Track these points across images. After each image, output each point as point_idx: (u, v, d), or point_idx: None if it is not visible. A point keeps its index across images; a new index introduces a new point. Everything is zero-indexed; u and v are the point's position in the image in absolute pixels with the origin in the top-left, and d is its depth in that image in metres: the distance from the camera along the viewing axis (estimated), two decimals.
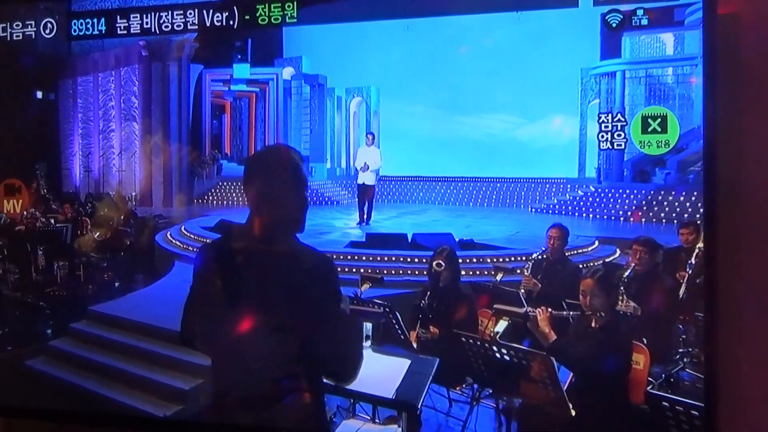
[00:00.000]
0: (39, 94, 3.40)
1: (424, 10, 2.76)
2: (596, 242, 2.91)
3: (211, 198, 3.17)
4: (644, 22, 2.48)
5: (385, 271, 2.80)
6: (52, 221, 3.28)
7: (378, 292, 2.84)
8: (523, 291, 2.55)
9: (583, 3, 2.50)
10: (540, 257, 2.46)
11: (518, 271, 2.59)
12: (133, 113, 3.17)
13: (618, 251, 2.76)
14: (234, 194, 3.18)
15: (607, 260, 2.80)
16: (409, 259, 2.80)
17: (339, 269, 2.50)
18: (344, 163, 3.08)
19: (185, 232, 3.21)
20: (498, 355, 2.14)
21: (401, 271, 2.78)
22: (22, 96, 3.47)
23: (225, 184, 3.13)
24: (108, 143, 3.23)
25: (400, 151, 2.94)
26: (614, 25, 2.52)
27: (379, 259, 2.86)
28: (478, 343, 2.19)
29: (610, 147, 2.50)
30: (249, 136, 3.23)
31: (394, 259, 2.84)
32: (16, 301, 3.28)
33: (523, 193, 2.87)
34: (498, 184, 2.88)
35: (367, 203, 2.99)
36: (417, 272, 2.73)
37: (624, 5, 2.46)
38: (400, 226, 2.94)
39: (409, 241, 2.84)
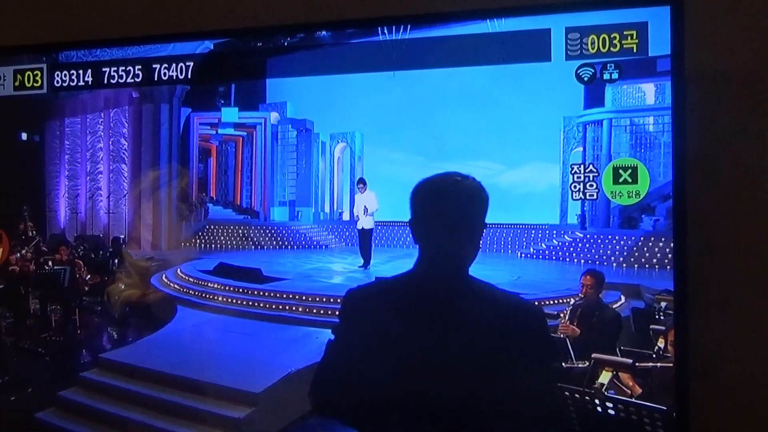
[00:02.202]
0: (24, 136, 3.70)
1: (407, 63, 3.23)
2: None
3: (199, 241, 3.48)
4: (614, 75, 2.90)
5: None
6: (50, 263, 3.57)
7: None
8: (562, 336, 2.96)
9: (556, 57, 2.92)
10: (577, 303, 2.79)
11: (560, 314, 2.93)
12: (122, 155, 3.44)
13: (623, 297, 3.05)
14: (222, 237, 3.49)
15: (615, 306, 3.21)
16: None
17: None
18: (327, 208, 3.44)
19: (182, 275, 3.50)
20: (601, 409, 2.45)
21: None
22: (4, 139, 3.65)
23: (212, 227, 3.46)
24: (95, 185, 3.51)
25: (383, 196, 3.21)
26: (585, 78, 2.85)
27: None
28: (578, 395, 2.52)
29: (582, 197, 2.86)
30: (235, 179, 3.61)
31: None
32: (12, 346, 3.53)
33: (509, 238, 3.24)
34: (489, 230, 3.25)
35: (367, 247, 3.32)
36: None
37: (595, 59, 2.92)
38: (399, 269, 3.31)
39: None
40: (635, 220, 2.95)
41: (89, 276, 3.58)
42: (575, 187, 2.82)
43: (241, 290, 3.33)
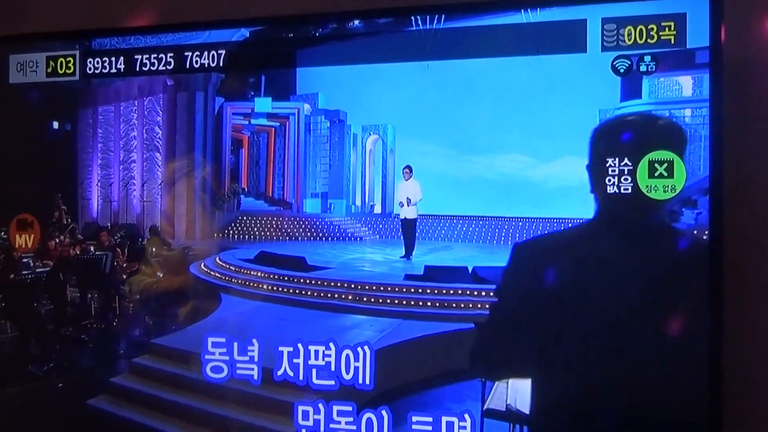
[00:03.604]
0: (55, 125, 3.84)
1: (441, 54, 3.41)
2: None
3: (232, 232, 3.69)
4: (652, 68, 3.03)
5: (454, 305, 3.26)
6: (91, 248, 3.81)
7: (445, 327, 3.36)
8: None
9: (592, 48, 2.99)
10: None
11: None
12: (156, 143, 3.60)
13: None
14: (255, 228, 3.62)
15: None
16: (476, 293, 3.21)
17: (405, 302, 3.19)
18: (359, 201, 3.58)
19: (223, 263, 3.67)
20: None
21: (470, 305, 3.22)
22: (37, 128, 3.87)
23: (245, 218, 3.64)
24: (129, 173, 3.66)
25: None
26: (622, 70, 2.94)
27: (444, 292, 3.31)
28: None
29: (617, 191, 2.99)
30: (267, 171, 3.82)
31: (460, 292, 3.27)
32: (54, 334, 3.82)
33: (540, 232, 3.44)
34: (519, 223, 3.44)
35: (409, 237, 3.43)
36: (487, 306, 3.02)
37: (632, 51, 2.95)
38: (442, 260, 3.40)
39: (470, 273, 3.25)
40: (676, 214, 3.12)
41: (126, 264, 3.81)
42: (609, 180, 2.89)
43: (287, 278, 3.49)
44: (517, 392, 2.97)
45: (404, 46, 3.25)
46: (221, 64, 3.51)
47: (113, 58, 3.67)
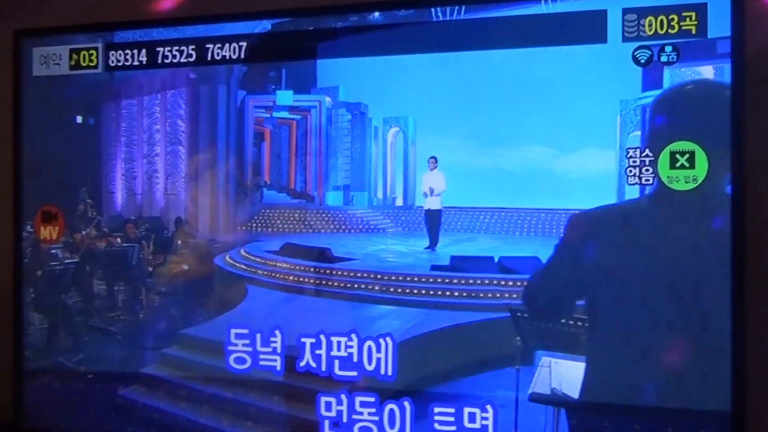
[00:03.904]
0: (79, 119, 3.92)
1: (461, 45, 3.44)
2: None
3: (254, 225, 3.69)
4: (673, 58, 3.04)
5: (481, 294, 3.32)
6: (118, 240, 3.90)
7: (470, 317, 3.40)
8: None
9: (613, 39, 3.03)
10: None
11: None
12: (179, 137, 3.66)
13: None
14: (278, 221, 3.64)
15: None
16: (503, 282, 3.26)
17: (432, 292, 3.27)
18: (380, 194, 3.60)
19: (248, 255, 3.74)
20: None
21: (497, 294, 3.27)
22: (61, 121, 3.97)
23: (267, 211, 3.69)
24: (152, 167, 3.70)
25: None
26: (642, 61, 2.94)
27: (471, 282, 3.37)
28: None
29: (639, 182, 3.01)
30: (289, 163, 3.88)
31: (487, 282, 3.33)
32: (82, 325, 3.92)
33: (563, 223, 3.49)
34: (542, 215, 3.49)
35: (433, 228, 3.49)
36: (515, 295, 3.18)
37: (653, 41, 2.98)
38: (466, 250, 3.39)
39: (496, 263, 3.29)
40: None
41: (152, 256, 3.88)
42: (631, 171, 2.98)
43: (313, 269, 3.55)
44: (561, 376, 3.07)
45: (424, 37, 3.29)
46: (242, 57, 3.59)
47: (135, 51, 3.74)
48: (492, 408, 3.15)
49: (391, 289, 3.44)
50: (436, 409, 3.23)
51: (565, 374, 3.07)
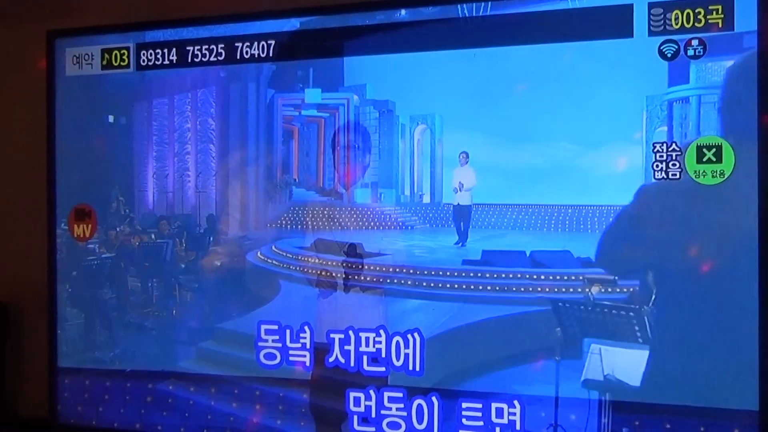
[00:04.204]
0: (111, 118, 4.01)
1: (487, 41, 3.38)
2: None
3: (284, 222, 3.74)
4: (699, 52, 2.97)
5: (514, 288, 3.35)
6: (152, 236, 4.02)
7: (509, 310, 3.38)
8: None
9: (639, 33, 3.05)
10: None
11: None
12: (209, 135, 3.74)
13: None
14: (307, 218, 3.69)
15: None
16: (535, 276, 3.31)
17: (464, 286, 3.33)
18: (408, 191, 3.58)
19: (280, 251, 3.78)
20: None
21: (530, 288, 3.32)
22: (93, 121, 4.08)
23: (296, 208, 3.74)
24: (183, 165, 3.80)
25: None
26: (669, 55, 2.93)
27: (503, 276, 3.39)
28: None
29: (665, 176, 3.05)
30: (318, 161, 3.92)
31: (519, 276, 3.36)
32: (117, 321, 4.04)
33: (596, 219, 3.53)
34: (569, 210, 3.51)
35: (463, 224, 3.50)
36: (547, 289, 3.27)
37: (679, 35, 3.00)
38: (495, 245, 3.45)
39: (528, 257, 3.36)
40: None
41: (185, 253, 3.98)
42: (657, 166, 3.02)
43: (344, 264, 3.60)
44: (613, 363, 3.12)
45: (450, 34, 3.34)
46: (271, 55, 3.67)
47: (166, 50, 3.83)
48: (519, 403, 3.23)
49: (424, 284, 3.48)
50: (464, 404, 3.33)
51: (617, 361, 3.11)
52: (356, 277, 3.52)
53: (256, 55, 3.65)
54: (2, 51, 4.50)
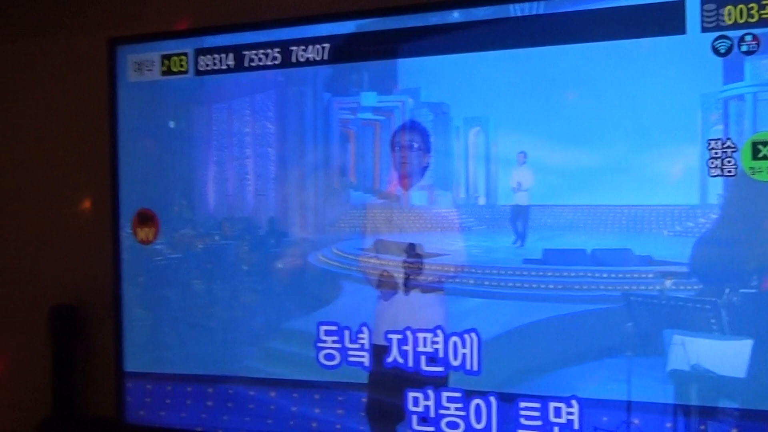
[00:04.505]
0: (171, 124, 4.14)
1: (539, 41, 3.39)
2: None
3: (342, 225, 3.84)
4: (753, 47, 2.94)
5: (576, 286, 3.39)
6: (216, 238, 4.14)
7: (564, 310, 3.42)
8: None
9: (692, 29, 3.05)
10: None
11: None
12: (268, 139, 3.87)
13: None
14: (365, 221, 3.79)
15: None
16: (597, 274, 3.34)
17: (526, 284, 3.39)
18: (463, 193, 3.63)
19: (341, 253, 3.87)
20: None
21: (593, 286, 3.35)
22: (154, 126, 4.23)
23: (354, 211, 3.85)
24: (243, 169, 3.93)
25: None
26: (722, 51, 2.94)
27: (566, 274, 3.43)
28: None
29: (721, 173, 3.05)
30: (374, 164, 3.83)
31: (581, 274, 3.40)
32: (182, 322, 4.18)
33: (653, 218, 3.54)
34: (626, 211, 3.42)
35: (521, 224, 3.53)
36: (610, 287, 3.31)
37: (732, 30, 2.99)
38: (556, 245, 3.48)
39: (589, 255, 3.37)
40: None
41: (247, 255, 4.08)
42: (712, 163, 3.03)
43: (405, 264, 3.67)
44: (698, 354, 3.15)
45: (503, 34, 3.42)
46: (326, 58, 3.75)
47: (223, 55, 3.95)
48: (577, 402, 3.28)
49: (486, 282, 3.54)
50: (522, 404, 3.40)
51: (702, 352, 3.14)
52: (416, 277, 3.60)
53: (311, 59, 3.75)
54: (65, 59, 4.68)
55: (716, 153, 3.01)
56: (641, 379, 3.26)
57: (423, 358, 3.53)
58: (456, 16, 3.49)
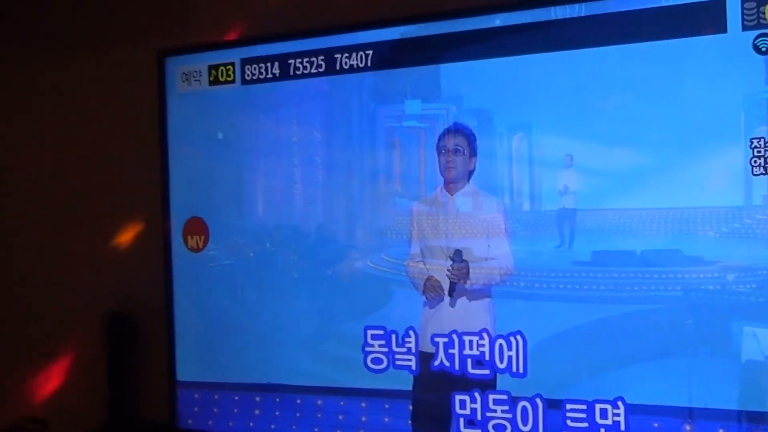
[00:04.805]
0: (220, 134, 4.27)
1: (581, 43, 3.44)
2: None
3: (389, 232, 3.93)
4: None
5: (627, 287, 3.41)
6: (268, 245, 4.23)
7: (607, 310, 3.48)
8: None
9: (733, 28, 3.09)
10: None
11: None
12: (315, 147, 3.98)
13: None
14: (411, 228, 3.89)
15: None
16: (647, 275, 3.38)
17: (577, 286, 3.44)
18: (507, 199, 3.69)
19: (389, 258, 3.94)
20: None
21: (644, 287, 3.38)
22: (202, 136, 4.37)
23: (400, 218, 3.91)
24: (291, 177, 4.05)
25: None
26: (764, 49, 2.98)
27: (616, 275, 3.45)
28: None
29: (764, 172, 3.07)
30: (420, 171, 3.86)
31: (632, 275, 3.42)
32: (233, 330, 4.31)
33: (698, 220, 3.52)
34: (671, 213, 3.30)
35: (568, 227, 3.56)
36: (662, 287, 3.35)
37: None
38: (602, 247, 3.53)
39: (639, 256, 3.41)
40: None
41: (297, 262, 4.17)
42: (755, 162, 3.07)
43: (452, 269, 3.77)
44: None
45: (544, 37, 3.50)
46: (369, 65, 3.84)
47: (269, 64, 4.05)
48: (623, 405, 3.34)
49: (536, 285, 3.60)
50: (569, 406, 3.47)
51: None
52: (463, 281, 3.67)
53: (355, 66, 3.83)
54: (114, 71, 4.83)
55: (759, 152, 3.04)
56: (701, 380, 3.30)
57: (469, 361, 3.57)
58: (498, 22, 3.55)
